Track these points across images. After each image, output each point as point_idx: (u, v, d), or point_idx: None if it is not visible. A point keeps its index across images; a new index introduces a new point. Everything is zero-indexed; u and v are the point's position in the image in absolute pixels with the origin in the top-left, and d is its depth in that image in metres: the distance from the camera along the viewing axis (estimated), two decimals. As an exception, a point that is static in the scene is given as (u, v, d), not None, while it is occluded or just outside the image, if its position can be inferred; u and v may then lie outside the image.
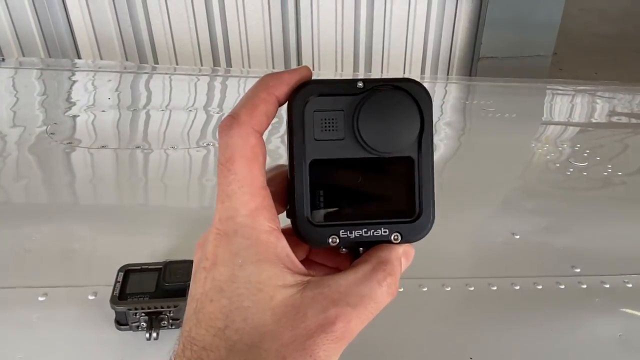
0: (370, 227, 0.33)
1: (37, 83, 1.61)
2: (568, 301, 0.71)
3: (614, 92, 1.79)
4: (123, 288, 0.62)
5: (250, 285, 0.30)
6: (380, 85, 0.32)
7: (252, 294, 0.30)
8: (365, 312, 0.31)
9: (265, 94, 0.32)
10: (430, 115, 0.32)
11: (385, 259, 0.33)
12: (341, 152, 0.33)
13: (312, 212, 0.33)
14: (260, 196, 0.31)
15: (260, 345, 0.29)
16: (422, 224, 0.33)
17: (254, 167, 0.31)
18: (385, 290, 0.31)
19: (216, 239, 0.31)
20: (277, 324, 0.29)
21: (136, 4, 2.92)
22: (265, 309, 0.30)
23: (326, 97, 0.32)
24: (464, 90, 1.98)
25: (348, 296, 0.30)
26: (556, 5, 3.19)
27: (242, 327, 0.29)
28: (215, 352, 0.29)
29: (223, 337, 0.30)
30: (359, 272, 0.32)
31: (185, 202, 0.92)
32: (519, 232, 0.83)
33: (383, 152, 0.32)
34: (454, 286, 0.70)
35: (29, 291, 0.66)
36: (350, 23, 3.11)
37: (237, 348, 0.29)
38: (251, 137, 0.31)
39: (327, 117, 0.32)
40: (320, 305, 0.30)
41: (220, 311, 0.30)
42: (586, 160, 1.09)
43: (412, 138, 0.32)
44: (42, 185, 0.96)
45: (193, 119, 1.31)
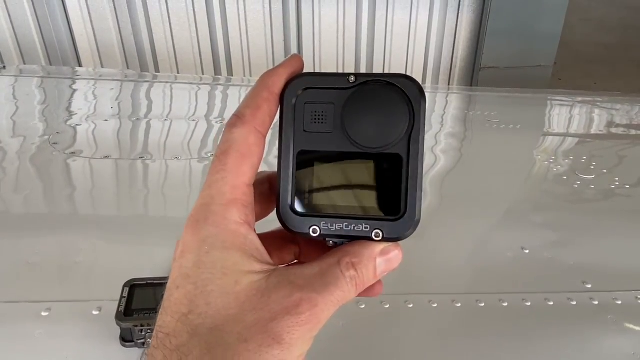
0: (352, 222, 0.33)
1: (38, 91, 1.60)
2: (580, 318, 0.69)
3: (617, 103, 1.79)
4: (129, 304, 0.61)
5: (215, 271, 0.30)
6: (371, 79, 0.32)
7: (217, 278, 0.30)
8: (332, 298, 0.31)
9: (267, 94, 0.33)
10: (421, 112, 0.31)
11: (354, 252, 0.32)
12: (329, 145, 0.33)
13: (296, 200, 0.34)
14: (240, 191, 0.32)
15: (222, 328, 0.29)
16: (405, 223, 0.32)
17: (245, 163, 0.32)
18: (348, 281, 0.31)
19: (187, 225, 0.32)
20: (240, 308, 0.30)
21: (138, 12, 2.92)
22: (229, 293, 0.30)
23: (318, 90, 0.33)
24: (465, 100, 1.98)
25: (313, 283, 0.31)
26: (557, 15, 3.19)
27: (206, 311, 0.30)
28: (178, 337, 0.29)
29: (186, 322, 0.30)
30: (324, 263, 0.32)
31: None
32: (529, 246, 0.82)
33: (370, 147, 0.32)
34: (464, 302, 0.69)
35: (32, 306, 0.64)
36: (351, 33, 3.12)
37: (198, 332, 0.29)
38: (251, 136, 0.32)
39: (318, 110, 0.33)
40: (285, 290, 0.30)
41: (185, 297, 0.30)
42: (593, 172, 1.08)
43: (401, 135, 0.32)
44: (45, 196, 0.95)
45: (194, 129, 1.30)
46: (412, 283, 0.72)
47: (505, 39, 3.13)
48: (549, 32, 3.22)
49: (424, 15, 3.12)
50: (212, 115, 1.45)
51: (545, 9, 3.15)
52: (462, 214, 0.95)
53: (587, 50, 5.48)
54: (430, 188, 1.06)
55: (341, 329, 0.64)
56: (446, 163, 1.19)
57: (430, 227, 0.90)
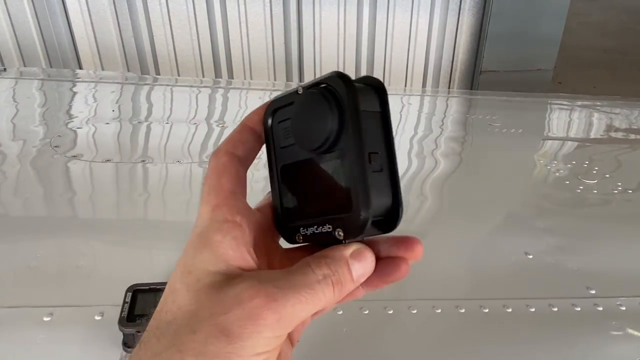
0: (319, 224, 0.33)
1: (38, 94, 1.60)
2: (584, 324, 0.69)
3: (618, 107, 1.79)
4: (131, 309, 0.60)
5: (183, 269, 0.32)
6: (311, 85, 0.33)
7: (183, 276, 0.31)
8: (298, 296, 0.30)
9: (240, 127, 0.37)
10: (352, 107, 0.31)
11: (326, 254, 0.33)
12: (295, 155, 0.35)
13: (286, 213, 0.36)
14: (223, 196, 0.34)
15: (177, 321, 0.30)
16: (355, 219, 0.31)
17: (223, 177, 0.35)
18: (321, 279, 0.31)
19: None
20: (197, 304, 0.30)
21: (138, 14, 2.92)
22: (190, 290, 0.31)
23: (283, 109, 0.35)
24: (465, 104, 1.98)
25: (276, 279, 0.31)
26: (557, 19, 3.20)
27: (171, 308, 0.31)
28: (148, 331, 0.31)
29: (157, 319, 0.32)
30: (295, 266, 0.32)
31: (193, 218, 0.91)
32: (532, 251, 0.81)
33: (315, 150, 0.33)
34: (468, 308, 0.69)
35: (34, 311, 0.64)
36: (352, 36, 3.12)
37: (160, 326, 0.31)
38: (223, 157, 0.35)
39: (285, 126, 0.35)
40: (244, 285, 0.30)
41: (163, 297, 0.32)
42: (595, 177, 1.08)
43: (334, 131, 0.32)
44: (47, 200, 0.95)
45: (194, 132, 1.30)
46: (415, 289, 0.71)
47: (505, 42, 3.14)
48: (549, 36, 3.23)
49: (425, 19, 3.13)
50: (212, 119, 1.45)
51: (545, 13, 3.16)
52: (464, 219, 0.94)
53: (586, 54, 5.50)
54: (432, 192, 1.06)
55: (344, 335, 0.64)
56: (448, 167, 1.19)
57: (432, 231, 0.89)
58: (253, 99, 1.77)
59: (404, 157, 1.20)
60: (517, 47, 3.19)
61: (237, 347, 0.28)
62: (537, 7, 3.13)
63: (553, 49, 3.28)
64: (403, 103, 1.85)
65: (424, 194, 1.05)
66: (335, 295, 0.32)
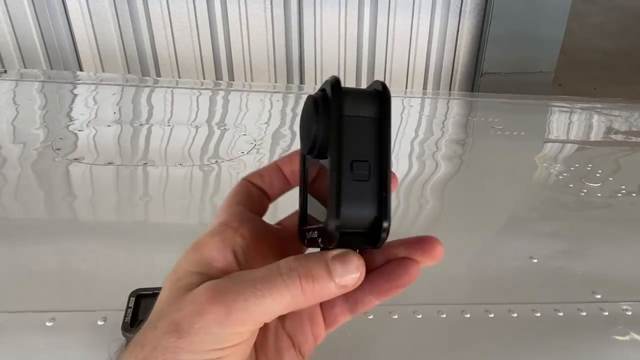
0: (313, 230, 0.33)
1: (39, 96, 1.59)
2: (590, 329, 0.69)
3: (620, 109, 1.78)
4: (135, 314, 0.60)
5: (173, 268, 0.34)
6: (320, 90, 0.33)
7: (169, 275, 0.33)
8: (253, 290, 0.29)
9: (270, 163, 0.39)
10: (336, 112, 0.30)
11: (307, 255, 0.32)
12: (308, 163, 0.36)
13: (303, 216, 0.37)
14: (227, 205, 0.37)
15: (150, 318, 0.31)
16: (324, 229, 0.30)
17: (231, 197, 0.38)
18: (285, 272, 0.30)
19: None
20: (167, 302, 0.31)
21: (139, 16, 2.92)
22: (168, 289, 0.32)
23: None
24: (467, 106, 1.97)
25: (235, 277, 0.31)
26: (558, 21, 3.20)
27: (155, 306, 0.32)
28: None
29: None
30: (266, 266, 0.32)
31: (197, 221, 0.90)
32: (537, 255, 0.81)
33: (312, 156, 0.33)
34: (473, 313, 0.68)
35: (36, 316, 0.63)
36: (353, 38, 3.12)
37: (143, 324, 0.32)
38: (240, 182, 0.38)
39: None
40: (205, 284, 0.30)
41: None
42: (599, 180, 1.08)
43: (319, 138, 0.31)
44: (49, 203, 0.94)
45: (195, 135, 1.29)
46: (420, 293, 0.71)
47: (506, 45, 3.14)
48: (550, 38, 3.23)
49: (425, 21, 3.13)
50: (213, 121, 1.45)
51: (546, 15, 3.16)
52: (467, 222, 0.94)
53: (586, 56, 5.50)
54: (434, 195, 1.06)
55: (349, 340, 0.64)
56: (450, 170, 1.19)
57: (436, 235, 0.89)
58: (254, 101, 1.76)
59: (405, 160, 1.19)
60: (518, 50, 3.19)
61: (185, 342, 0.29)
62: (537, 9, 3.13)
63: (554, 51, 3.28)
64: (404, 105, 1.85)
65: (426, 197, 1.04)
66: (305, 290, 0.30)
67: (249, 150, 1.18)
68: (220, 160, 1.11)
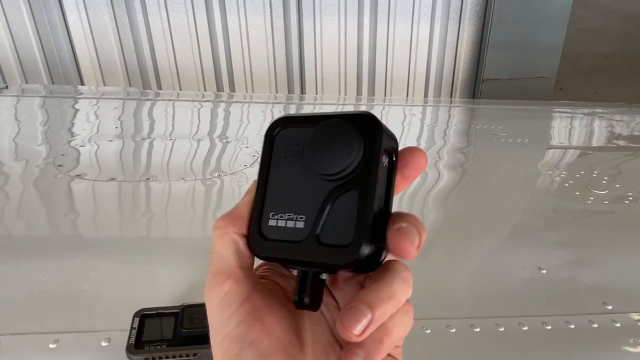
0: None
1: (41, 112, 1.59)
2: (602, 341, 0.67)
3: (624, 114, 1.78)
4: (139, 335, 0.59)
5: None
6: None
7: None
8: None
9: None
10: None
11: None
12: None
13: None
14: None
15: None
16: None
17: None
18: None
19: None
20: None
21: (140, 29, 2.93)
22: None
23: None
24: (468, 113, 1.97)
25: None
26: (558, 26, 3.19)
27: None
28: None
29: None
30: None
31: (200, 236, 0.89)
32: (546, 266, 0.80)
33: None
34: (483, 327, 0.67)
35: (39, 337, 0.63)
36: (353, 47, 3.12)
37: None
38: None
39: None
40: None
41: None
42: (606, 187, 1.07)
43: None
44: (51, 221, 0.93)
45: (196, 148, 1.29)
46: (429, 308, 0.70)
47: (507, 51, 3.13)
48: (551, 43, 3.22)
49: (425, 28, 3.12)
50: (215, 134, 1.44)
51: (546, 21, 3.15)
52: (474, 233, 0.93)
53: (586, 60, 5.50)
54: (438, 205, 1.05)
55: (357, 357, 0.62)
56: (454, 179, 1.18)
57: (439, 247, 0.88)
58: (255, 112, 1.76)
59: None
60: (519, 55, 3.18)
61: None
62: (537, 14, 3.13)
63: (555, 57, 3.27)
64: (405, 113, 1.84)
65: (429, 207, 1.03)
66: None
67: (252, 163, 1.17)
68: (222, 173, 1.11)
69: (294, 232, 0.33)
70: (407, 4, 3.06)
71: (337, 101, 2.65)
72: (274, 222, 0.34)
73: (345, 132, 0.32)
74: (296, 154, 0.34)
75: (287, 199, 0.34)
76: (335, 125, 0.32)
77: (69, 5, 2.82)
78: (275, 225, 0.34)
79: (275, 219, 0.34)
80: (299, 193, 0.34)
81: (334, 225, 0.32)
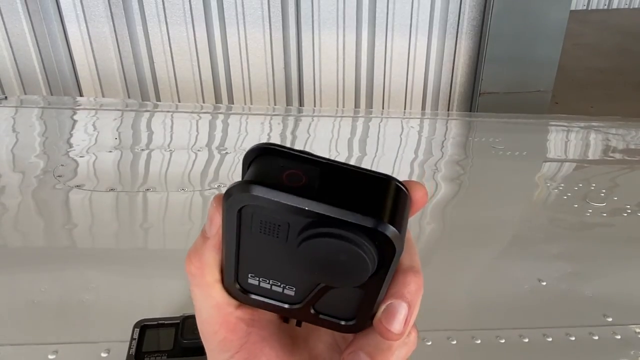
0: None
1: (39, 123, 1.59)
2: (603, 354, 0.67)
3: (620, 127, 1.79)
4: (139, 346, 0.58)
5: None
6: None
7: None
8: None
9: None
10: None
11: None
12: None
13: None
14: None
15: None
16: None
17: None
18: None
19: None
20: None
21: (139, 40, 2.94)
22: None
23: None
24: (466, 126, 1.98)
25: None
26: (555, 41, 3.23)
27: None
28: None
29: None
30: None
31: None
32: (545, 278, 0.80)
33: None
34: (484, 339, 0.67)
35: (39, 348, 0.62)
36: (351, 60, 3.14)
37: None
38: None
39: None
40: None
41: None
42: (604, 200, 1.07)
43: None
44: (49, 232, 0.93)
45: (194, 160, 1.29)
46: (429, 320, 0.69)
47: (503, 65, 3.16)
48: (547, 57, 3.25)
49: (423, 42, 3.15)
50: (213, 145, 1.44)
51: (542, 35, 3.18)
52: (474, 245, 0.93)
53: (582, 75, 5.54)
54: (436, 218, 1.05)
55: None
56: (452, 191, 1.18)
57: (438, 259, 0.88)
58: (253, 124, 1.76)
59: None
60: (516, 69, 3.21)
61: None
62: (534, 29, 3.16)
63: (551, 71, 3.30)
64: (403, 126, 1.85)
65: (427, 218, 1.03)
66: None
67: (251, 174, 1.17)
68: (221, 184, 1.11)
69: (283, 296, 0.29)
70: (405, 18, 3.08)
71: (335, 113, 2.66)
72: (256, 282, 0.29)
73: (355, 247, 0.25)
74: (276, 232, 0.26)
75: (269, 267, 0.28)
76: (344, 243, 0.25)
77: (68, 17, 2.84)
78: (257, 285, 0.29)
79: (256, 280, 0.29)
80: (284, 267, 0.28)
81: (332, 304, 0.29)
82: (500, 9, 3.04)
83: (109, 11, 2.85)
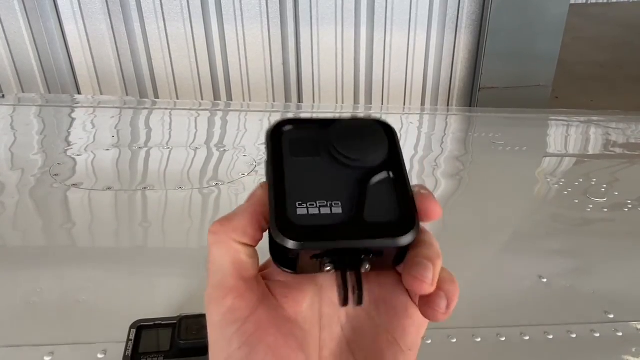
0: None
1: (37, 121, 1.59)
2: (604, 351, 0.67)
3: (621, 122, 1.78)
4: (136, 347, 0.58)
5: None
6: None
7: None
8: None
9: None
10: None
11: None
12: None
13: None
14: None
15: None
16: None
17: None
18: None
19: None
20: None
21: (137, 38, 2.93)
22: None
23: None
24: (465, 121, 1.97)
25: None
26: (554, 35, 3.21)
27: None
28: None
29: None
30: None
31: (197, 246, 0.88)
32: (546, 275, 0.79)
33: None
34: (484, 337, 0.67)
35: (35, 349, 0.62)
36: (350, 55, 3.13)
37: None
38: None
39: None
40: None
41: None
42: (604, 195, 1.07)
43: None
44: (47, 231, 0.93)
45: (193, 157, 1.28)
46: (429, 317, 0.69)
47: (503, 59, 3.15)
48: (547, 52, 3.24)
49: (422, 37, 3.14)
50: (212, 142, 1.44)
51: (542, 30, 3.17)
52: (474, 242, 0.92)
53: (582, 69, 5.53)
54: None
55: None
56: (452, 187, 1.17)
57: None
58: (252, 121, 1.76)
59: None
60: (515, 64, 3.19)
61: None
62: (534, 23, 3.15)
63: (551, 65, 3.29)
64: (402, 122, 1.84)
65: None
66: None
67: (249, 172, 1.16)
68: (220, 182, 1.10)
69: (333, 216, 0.31)
70: (404, 13, 3.07)
71: (335, 109, 2.65)
72: (304, 210, 0.31)
73: (369, 124, 0.35)
74: (310, 150, 0.34)
75: (313, 188, 0.32)
76: (357, 121, 0.35)
77: (66, 14, 2.83)
78: (306, 214, 0.31)
79: (304, 207, 0.31)
80: (325, 183, 0.33)
81: (376, 205, 0.32)
82: (500, 3, 3.03)
83: (106, 8, 2.84)
